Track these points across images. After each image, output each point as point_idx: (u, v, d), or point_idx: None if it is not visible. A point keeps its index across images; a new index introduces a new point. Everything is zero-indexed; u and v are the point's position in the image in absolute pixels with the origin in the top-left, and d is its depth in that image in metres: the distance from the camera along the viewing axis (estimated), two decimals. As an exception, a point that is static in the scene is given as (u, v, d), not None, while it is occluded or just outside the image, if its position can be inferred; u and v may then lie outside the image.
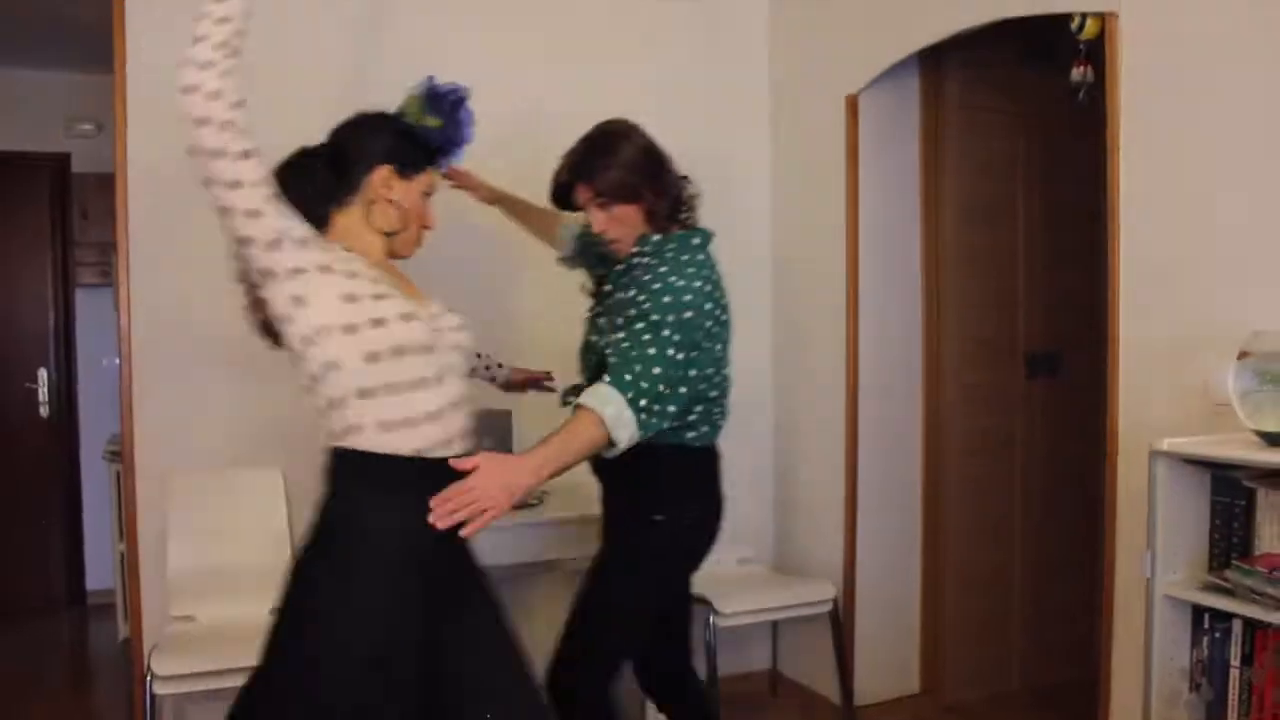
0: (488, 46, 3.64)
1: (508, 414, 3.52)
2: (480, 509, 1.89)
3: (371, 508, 1.86)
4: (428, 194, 2.13)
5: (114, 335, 3.82)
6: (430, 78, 2.20)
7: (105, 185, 4.51)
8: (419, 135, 2.12)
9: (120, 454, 3.54)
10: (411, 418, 1.85)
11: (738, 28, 4.06)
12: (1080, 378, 3.96)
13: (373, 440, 1.84)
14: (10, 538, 5.39)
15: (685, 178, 2.52)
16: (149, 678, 2.85)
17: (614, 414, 2.11)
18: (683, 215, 2.47)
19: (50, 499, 5.50)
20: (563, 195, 2.50)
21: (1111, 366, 2.76)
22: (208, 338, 3.29)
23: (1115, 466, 2.75)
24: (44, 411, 5.47)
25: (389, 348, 1.83)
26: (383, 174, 2.03)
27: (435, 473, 1.88)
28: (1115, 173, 2.74)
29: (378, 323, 1.83)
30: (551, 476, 2.07)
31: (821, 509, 3.82)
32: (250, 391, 3.32)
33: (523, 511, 3.27)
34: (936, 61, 3.71)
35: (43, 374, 5.46)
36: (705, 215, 2.65)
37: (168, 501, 3.22)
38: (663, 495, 2.45)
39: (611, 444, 2.13)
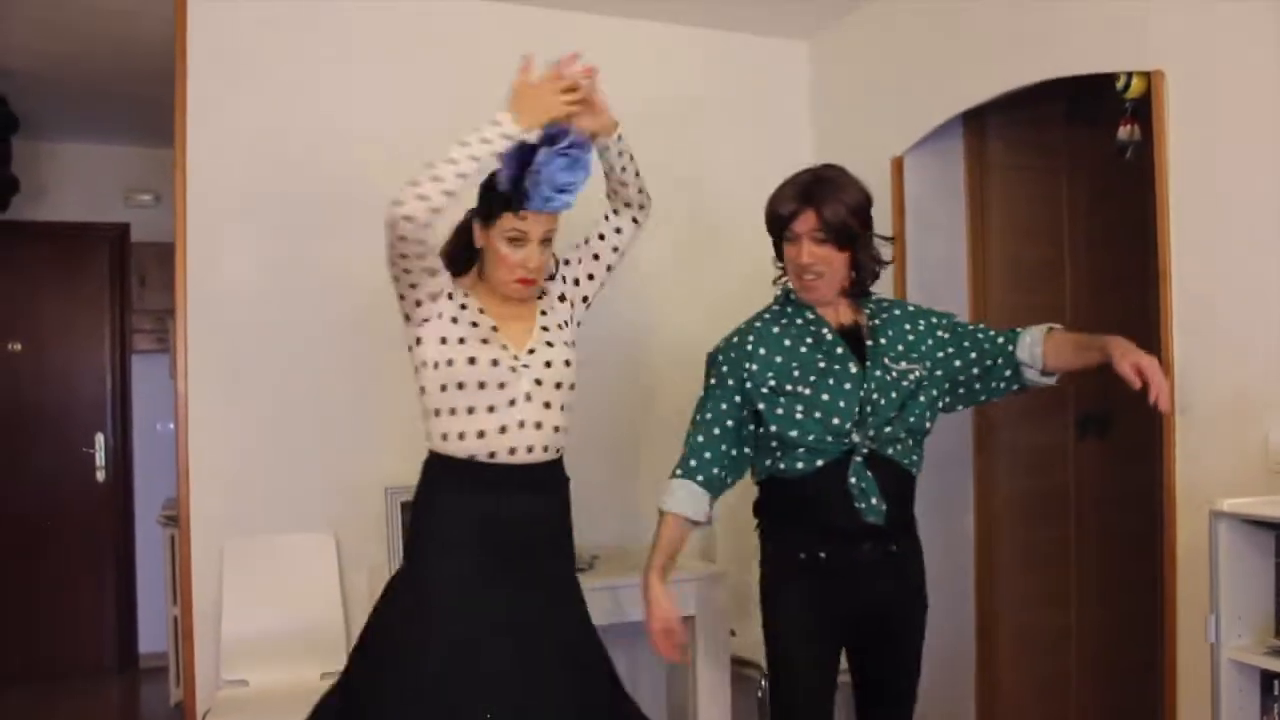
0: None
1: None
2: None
3: (437, 490, 2.31)
4: (513, 239, 2.30)
5: (169, 401, 3.90)
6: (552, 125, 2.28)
7: (162, 254, 4.64)
8: (493, 185, 2.30)
9: (175, 518, 3.59)
10: (465, 433, 2.27)
11: (780, 90, 4.11)
12: (1132, 438, 3.91)
13: (440, 446, 2.31)
14: (65, 601, 5.46)
15: (888, 238, 2.62)
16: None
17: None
18: (877, 275, 2.55)
19: (104, 562, 5.57)
20: (782, 223, 2.50)
21: (1167, 426, 2.73)
22: (262, 404, 3.35)
23: (1174, 528, 2.70)
24: (100, 476, 5.56)
25: (454, 382, 2.27)
26: (475, 226, 2.37)
27: (487, 472, 2.29)
28: (1165, 232, 2.72)
29: (449, 362, 2.26)
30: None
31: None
32: (304, 456, 3.36)
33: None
34: (980, 122, 3.73)
35: (100, 439, 5.56)
36: (753, 272, 2.68)
37: (222, 566, 3.25)
38: None
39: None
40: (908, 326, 2.51)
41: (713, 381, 2.52)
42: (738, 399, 2.46)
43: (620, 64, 3.85)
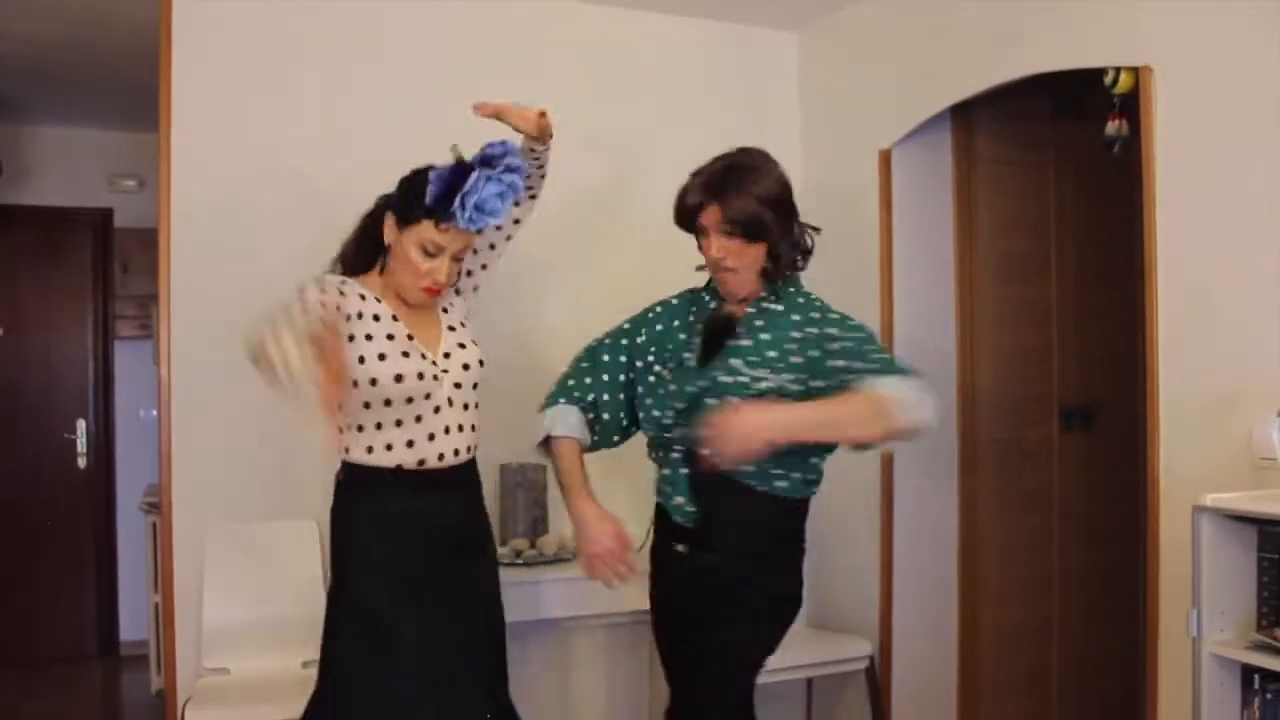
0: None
1: (542, 468, 3.53)
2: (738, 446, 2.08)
3: (365, 503, 2.29)
4: (428, 251, 2.26)
5: (152, 387, 3.88)
6: (492, 144, 2.27)
7: (146, 240, 4.61)
8: (420, 187, 2.26)
9: (157, 505, 3.57)
10: (394, 444, 2.26)
11: (769, 82, 4.10)
12: (1116, 431, 3.93)
13: (364, 459, 2.28)
14: (45, 588, 5.44)
15: (815, 228, 2.52)
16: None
17: (910, 395, 2.17)
18: (800, 266, 2.46)
19: (85, 550, 5.55)
20: (688, 217, 2.38)
21: (1151, 421, 2.73)
22: (245, 391, 3.32)
23: (1157, 522, 2.71)
24: (82, 463, 5.53)
25: (379, 399, 2.24)
26: (389, 219, 2.31)
27: (413, 480, 2.28)
28: (1152, 226, 2.73)
29: (372, 381, 2.22)
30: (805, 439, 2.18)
31: (857, 565, 3.78)
32: (286, 444, 3.33)
33: (558, 565, 3.27)
34: (968, 116, 3.73)
35: (81, 425, 5.53)
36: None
37: (204, 553, 3.23)
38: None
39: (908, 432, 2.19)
40: (794, 334, 2.32)
41: (616, 333, 2.52)
42: (622, 357, 2.48)
43: (609, 53, 3.87)
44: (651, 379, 2.42)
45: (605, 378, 2.47)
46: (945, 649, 3.76)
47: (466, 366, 2.35)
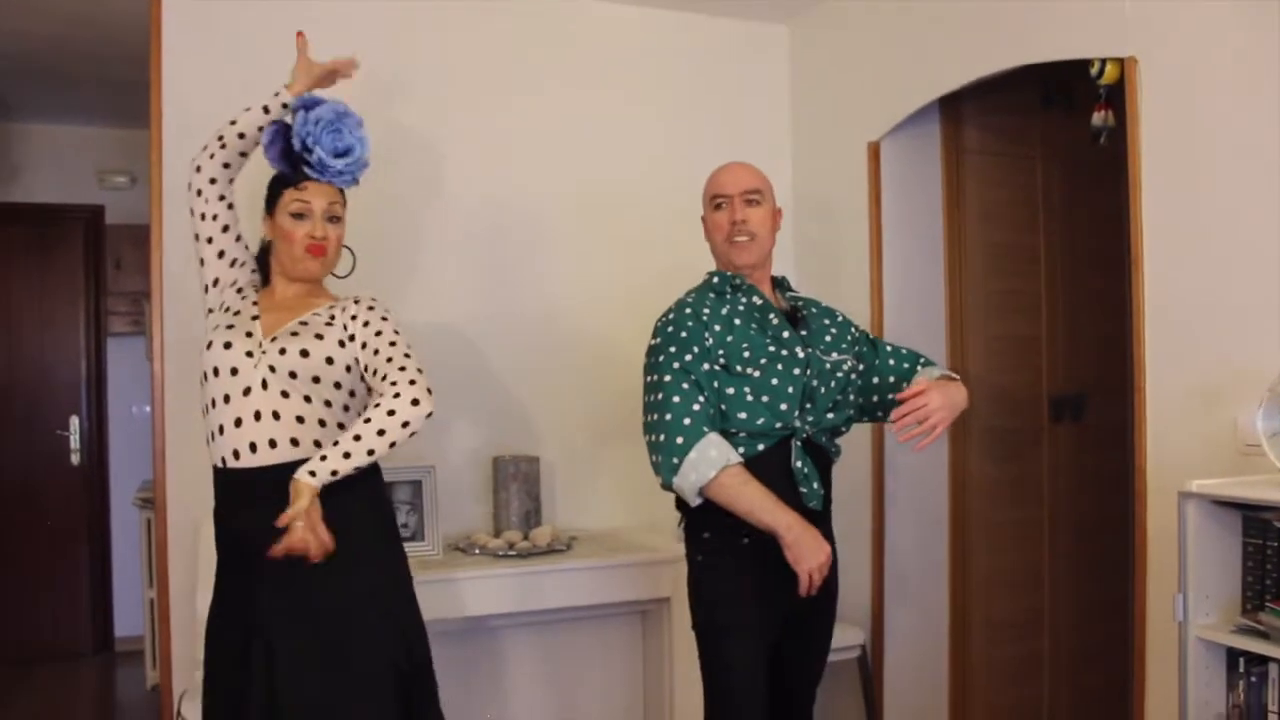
0: (502, 90, 3.72)
1: (535, 460, 3.55)
2: (932, 424, 2.36)
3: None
4: (295, 214, 2.34)
5: (145, 384, 3.88)
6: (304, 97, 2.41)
7: (138, 236, 4.62)
8: (274, 182, 2.41)
9: (151, 501, 3.58)
10: (212, 433, 2.27)
11: (759, 75, 4.11)
12: (1105, 421, 3.96)
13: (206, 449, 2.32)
14: (40, 585, 5.44)
15: None
16: None
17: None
18: None
19: (80, 546, 5.55)
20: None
21: (1138, 409, 2.76)
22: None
23: (1144, 509, 2.74)
24: (75, 459, 5.53)
25: (203, 372, 2.30)
26: (265, 222, 2.43)
27: (229, 481, 2.28)
28: (1138, 216, 2.75)
29: (207, 347, 2.30)
30: None
31: (849, 555, 3.77)
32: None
33: (552, 557, 3.29)
34: (957, 108, 3.75)
35: (74, 422, 5.53)
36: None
37: (197, 548, 3.24)
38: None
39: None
40: (826, 321, 2.58)
41: (673, 350, 2.36)
42: (705, 365, 2.35)
43: (599, 46, 3.88)
44: (738, 381, 2.35)
45: (702, 390, 2.35)
46: (936, 638, 3.78)
47: (283, 351, 2.24)
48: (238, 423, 2.22)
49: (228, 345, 2.27)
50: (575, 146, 3.77)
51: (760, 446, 2.35)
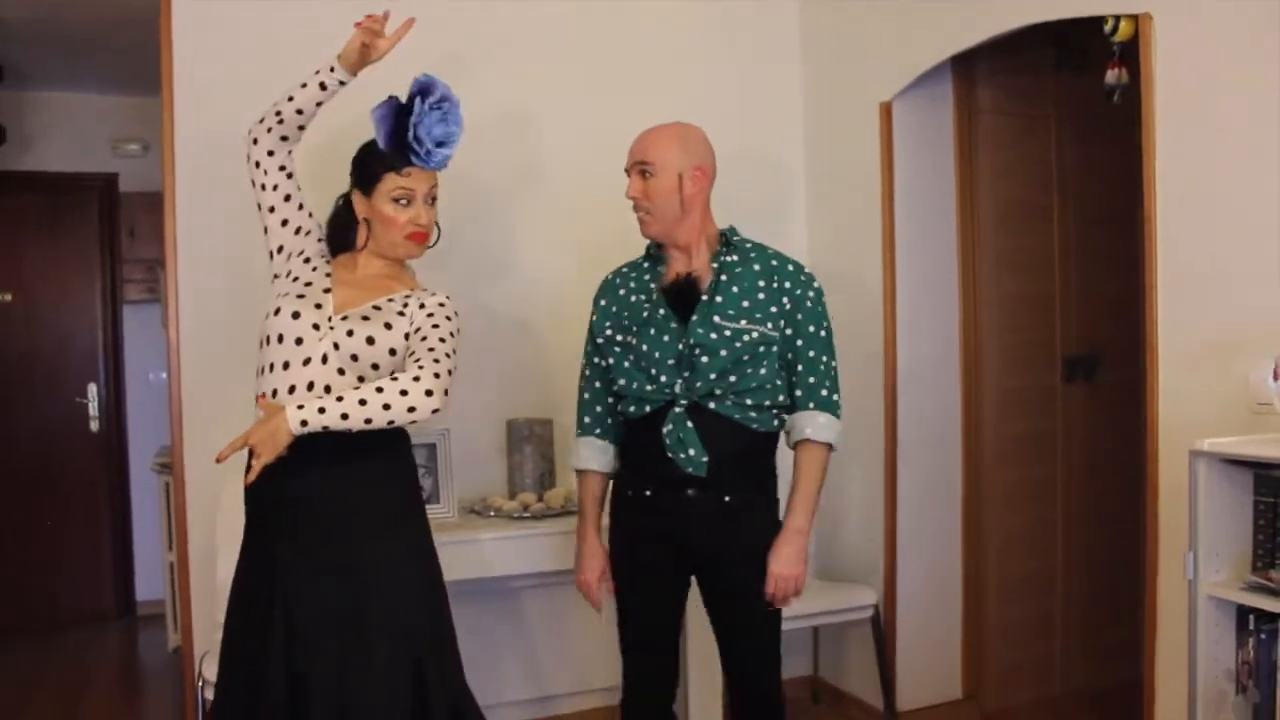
0: (518, 53, 3.70)
1: (549, 422, 3.57)
2: (795, 590, 2.45)
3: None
4: (398, 199, 2.34)
5: (161, 350, 3.91)
6: (418, 80, 2.35)
7: (152, 204, 4.63)
8: (371, 153, 2.37)
9: (169, 466, 3.62)
10: (264, 394, 2.29)
11: (770, 34, 4.08)
12: (1118, 380, 3.95)
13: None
14: (62, 550, 5.51)
15: None
16: (200, 684, 2.91)
17: (838, 437, 2.47)
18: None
19: (100, 512, 5.61)
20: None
21: (1150, 368, 2.76)
22: (252, 351, 3.35)
23: (1156, 468, 2.74)
24: (94, 426, 5.58)
25: (265, 335, 2.32)
26: (356, 197, 2.42)
27: None
28: (1151, 174, 2.73)
29: (276, 311, 2.32)
30: None
31: (862, 515, 3.82)
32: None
33: (566, 518, 3.31)
34: (969, 67, 3.72)
35: (92, 389, 5.58)
36: (742, 218, 2.69)
37: (216, 511, 3.27)
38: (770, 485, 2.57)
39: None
40: (761, 284, 2.47)
41: (588, 338, 2.65)
42: (595, 354, 2.61)
43: (609, 9, 3.85)
44: (618, 348, 2.52)
45: (599, 383, 2.62)
46: (950, 597, 3.81)
47: (350, 333, 2.27)
48: (291, 389, 2.25)
49: (295, 315, 2.29)
50: (586, 108, 3.75)
51: (647, 409, 2.46)
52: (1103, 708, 3.81)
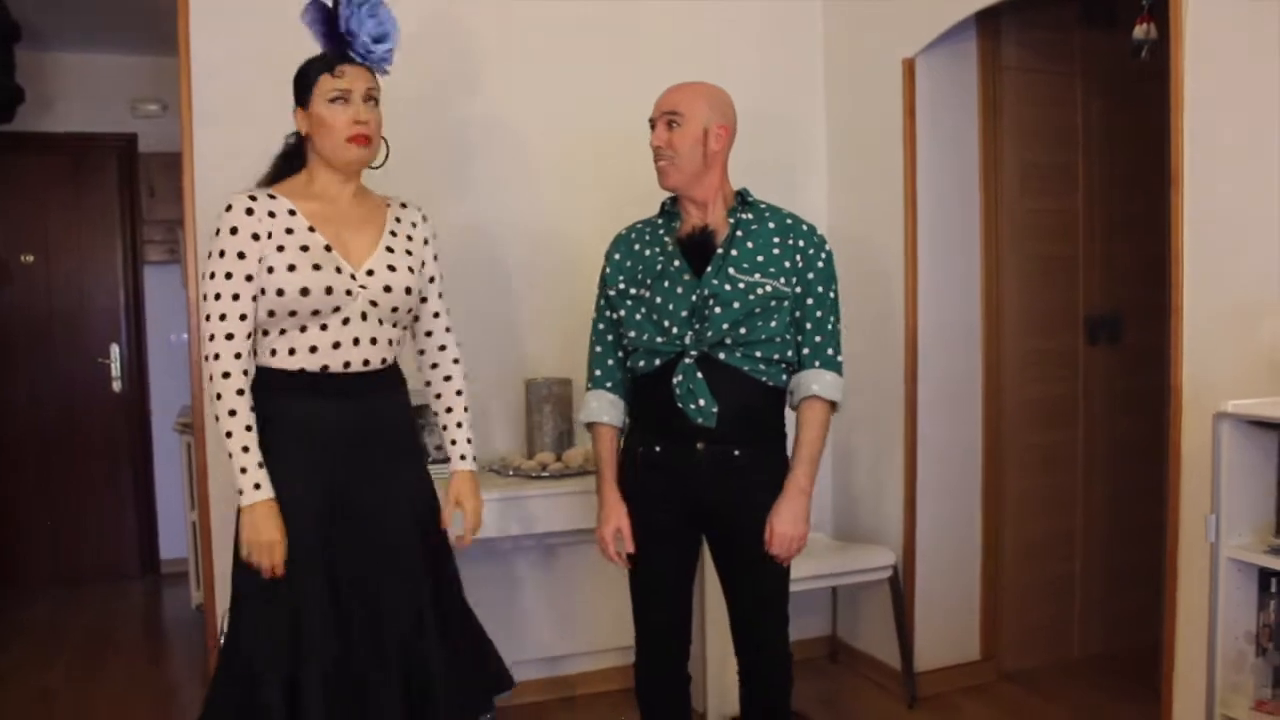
0: (548, 22, 3.67)
1: (568, 382, 3.57)
2: (797, 549, 2.47)
3: (266, 403, 2.26)
4: (335, 99, 2.28)
5: (183, 311, 3.92)
6: None
7: (171, 164, 4.63)
8: (306, 64, 2.36)
9: (191, 426, 3.64)
10: (293, 348, 2.26)
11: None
12: (1142, 342, 3.92)
13: (268, 361, 2.30)
14: (85, 509, 5.57)
15: None
16: (222, 641, 2.93)
17: (843, 396, 2.51)
18: None
19: (123, 471, 5.67)
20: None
21: (1175, 329, 2.73)
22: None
23: (1179, 429, 2.72)
24: (116, 386, 5.62)
25: (284, 310, 2.24)
26: (296, 114, 2.36)
27: (312, 382, 2.28)
28: (1178, 132, 2.69)
29: (279, 292, 2.22)
30: None
31: (881, 476, 3.82)
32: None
33: (585, 478, 3.32)
34: (994, 24, 3.66)
35: (114, 350, 5.61)
36: (761, 177, 2.67)
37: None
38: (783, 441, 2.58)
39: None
40: (776, 240, 2.50)
41: (598, 292, 2.65)
42: (606, 308, 2.61)
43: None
44: (630, 301, 2.52)
45: (610, 335, 2.62)
46: (969, 559, 3.81)
47: (388, 289, 2.31)
48: (336, 345, 2.27)
49: (316, 267, 2.24)
50: (609, 64, 3.72)
51: (657, 362, 2.47)
52: (1121, 669, 3.82)
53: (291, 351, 2.26)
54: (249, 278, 2.22)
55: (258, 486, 2.19)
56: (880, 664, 3.84)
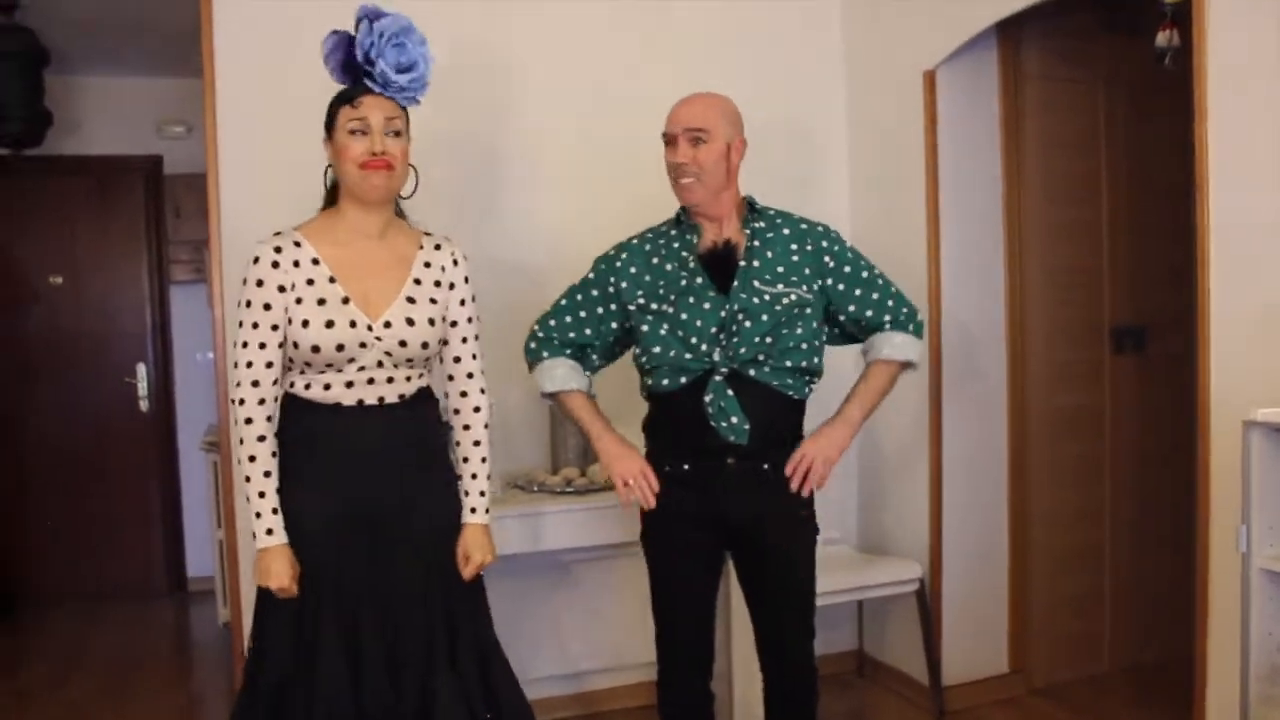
0: (561, 30, 3.69)
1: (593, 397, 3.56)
2: (818, 477, 2.47)
3: (288, 426, 2.31)
4: (353, 131, 2.27)
5: (208, 330, 3.95)
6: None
7: (196, 185, 4.67)
8: (331, 106, 2.34)
9: (217, 445, 3.66)
10: (312, 384, 2.29)
11: (810, 2, 4.02)
12: (1168, 352, 3.89)
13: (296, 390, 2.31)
14: (113, 528, 5.62)
15: None
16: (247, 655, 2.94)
17: (919, 355, 2.59)
18: None
19: (151, 490, 5.71)
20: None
21: (1202, 338, 2.70)
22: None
23: (1208, 439, 2.69)
24: (143, 406, 5.67)
25: (293, 342, 2.26)
26: (326, 147, 2.35)
27: (341, 409, 2.30)
28: (1203, 139, 2.67)
29: (294, 344, 2.25)
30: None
31: (907, 488, 3.79)
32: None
33: (609, 493, 3.32)
34: (1016, 33, 3.65)
35: (141, 369, 5.66)
36: (783, 189, 2.66)
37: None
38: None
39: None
40: (794, 247, 2.51)
41: (589, 277, 2.61)
42: (599, 308, 2.57)
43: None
44: (651, 317, 2.49)
45: (584, 314, 2.59)
46: (996, 571, 3.77)
47: (403, 343, 2.30)
48: (349, 385, 2.28)
49: (330, 324, 2.24)
50: (629, 75, 3.73)
51: (682, 380, 2.44)
52: (1153, 682, 3.77)
53: (308, 386, 2.30)
54: (274, 327, 2.25)
55: (270, 532, 2.23)
56: (907, 678, 3.81)
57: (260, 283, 2.26)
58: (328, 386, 2.28)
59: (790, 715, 2.61)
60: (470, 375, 2.46)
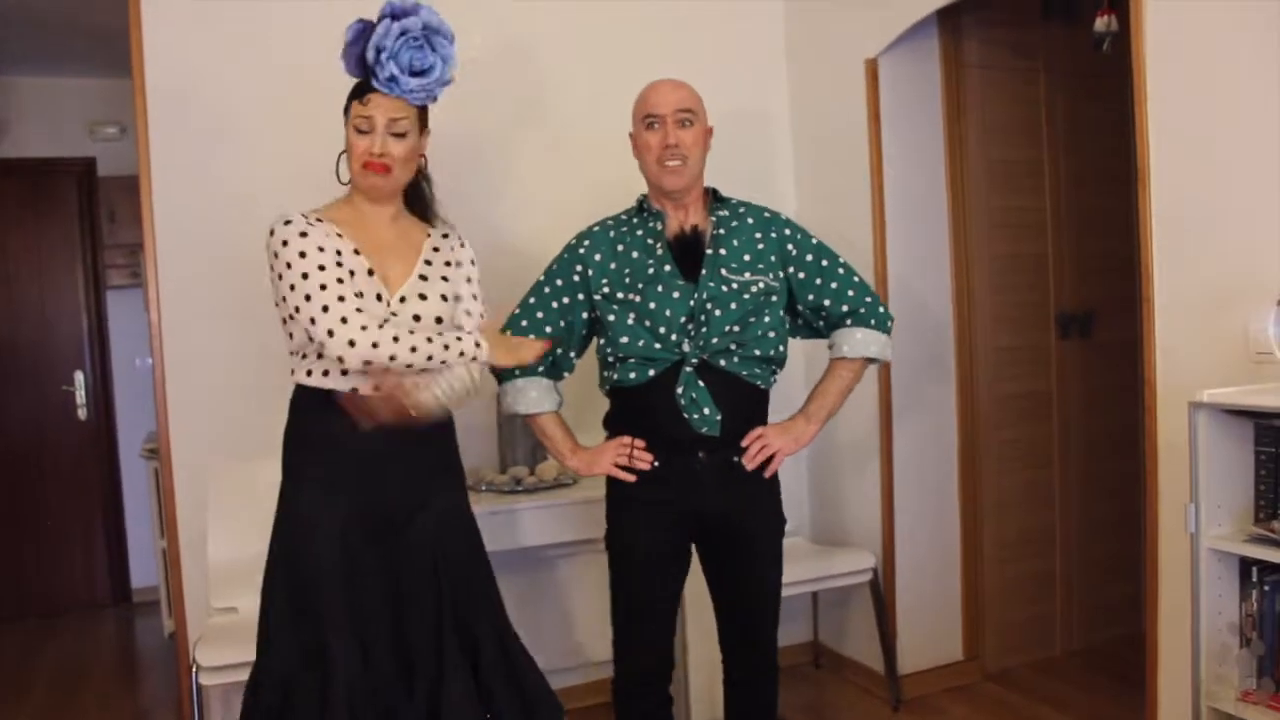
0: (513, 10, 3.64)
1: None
2: (771, 452, 2.44)
3: (302, 422, 2.33)
4: (359, 129, 2.26)
5: (146, 335, 3.86)
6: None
7: (131, 187, 4.54)
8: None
9: (158, 451, 3.58)
10: (329, 370, 2.26)
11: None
12: (1114, 337, 3.93)
13: (304, 380, 2.30)
14: (55, 539, 5.48)
15: None
16: (195, 669, 2.89)
17: (880, 350, 2.58)
18: None
19: (92, 500, 5.57)
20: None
21: (1146, 320, 2.72)
22: (237, 332, 3.31)
23: (1154, 421, 2.71)
24: (82, 414, 5.53)
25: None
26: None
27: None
28: (1143, 124, 2.69)
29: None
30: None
31: (858, 479, 3.79)
32: (281, 382, 3.32)
33: (558, 491, 3.29)
34: (955, 21, 3.66)
35: (79, 377, 5.53)
36: (730, 178, 2.64)
37: (206, 495, 3.24)
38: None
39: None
40: (758, 235, 2.50)
41: (553, 268, 2.55)
42: (565, 297, 2.51)
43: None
44: (618, 306, 2.45)
45: (555, 305, 2.53)
46: (948, 559, 3.79)
47: (417, 318, 2.28)
48: (367, 363, 2.23)
49: (359, 294, 2.22)
50: (564, 63, 3.70)
51: (651, 372, 2.41)
52: (1106, 664, 3.81)
53: (325, 373, 2.26)
54: (339, 264, 2.21)
55: (479, 344, 2.26)
56: (864, 668, 3.82)
57: (304, 234, 2.21)
58: (345, 371, 2.24)
59: (753, 705, 2.59)
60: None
